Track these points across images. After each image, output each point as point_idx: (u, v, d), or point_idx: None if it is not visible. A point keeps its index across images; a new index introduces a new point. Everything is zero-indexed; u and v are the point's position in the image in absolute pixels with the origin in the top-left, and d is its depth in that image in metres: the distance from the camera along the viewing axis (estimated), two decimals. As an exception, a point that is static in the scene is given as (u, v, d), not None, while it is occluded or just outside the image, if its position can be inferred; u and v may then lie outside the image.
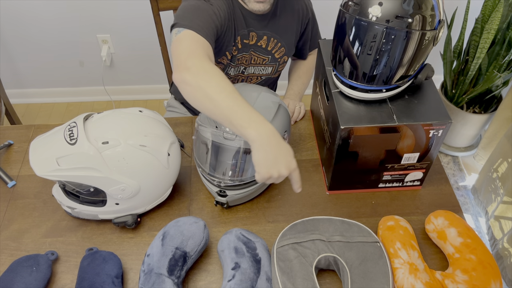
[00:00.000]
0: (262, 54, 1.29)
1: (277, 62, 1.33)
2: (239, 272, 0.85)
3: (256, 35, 1.24)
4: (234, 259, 0.87)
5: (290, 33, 1.31)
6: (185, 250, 0.88)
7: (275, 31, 1.26)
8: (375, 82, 0.94)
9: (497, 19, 1.73)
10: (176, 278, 0.86)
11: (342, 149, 0.98)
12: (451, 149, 2.28)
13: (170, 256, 0.86)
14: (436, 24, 0.90)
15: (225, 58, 1.23)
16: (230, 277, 0.85)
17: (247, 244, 0.89)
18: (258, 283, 0.84)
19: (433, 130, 0.95)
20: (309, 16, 1.34)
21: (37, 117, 2.44)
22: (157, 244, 0.89)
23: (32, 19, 2.12)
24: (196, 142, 1.04)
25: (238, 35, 1.20)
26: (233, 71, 1.30)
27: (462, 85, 2.02)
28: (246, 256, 0.87)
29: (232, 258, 0.87)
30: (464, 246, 0.91)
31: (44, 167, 0.88)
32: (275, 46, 1.29)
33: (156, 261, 0.86)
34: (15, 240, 1.00)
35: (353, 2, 0.90)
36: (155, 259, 0.86)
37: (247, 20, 1.20)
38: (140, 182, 0.93)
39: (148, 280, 0.84)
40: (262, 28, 1.24)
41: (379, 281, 0.85)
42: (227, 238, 0.91)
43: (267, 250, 0.91)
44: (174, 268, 0.86)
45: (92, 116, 0.96)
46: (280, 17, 1.26)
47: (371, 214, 1.06)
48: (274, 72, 1.37)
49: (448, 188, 1.12)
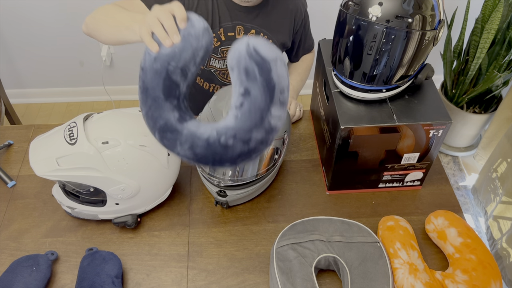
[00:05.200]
0: None
1: None
2: (249, 100, 0.71)
3: (243, 28, 1.22)
4: (243, 83, 0.72)
5: (282, 31, 1.29)
6: (179, 65, 0.74)
7: (265, 27, 1.24)
8: (375, 82, 0.94)
9: (497, 19, 1.73)
10: (176, 100, 0.74)
11: (342, 149, 0.98)
12: (451, 149, 2.28)
13: (163, 76, 0.72)
14: (436, 24, 0.90)
15: None
16: (238, 103, 0.72)
17: (260, 65, 0.71)
18: (271, 111, 0.72)
19: (433, 130, 0.95)
20: (303, 17, 1.32)
21: (37, 117, 2.44)
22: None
23: (32, 19, 2.12)
24: None
25: (220, 27, 1.19)
26: (218, 63, 1.28)
27: (462, 85, 2.02)
28: (258, 81, 0.71)
29: (241, 81, 0.72)
30: (464, 246, 0.91)
31: (44, 167, 0.88)
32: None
33: (150, 78, 0.73)
34: (15, 240, 1.00)
35: (353, 2, 0.90)
36: (148, 76, 0.73)
37: (233, 12, 1.18)
38: (140, 182, 0.93)
39: (145, 101, 0.74)
40: (250, 21, 1.21)
41: (379, 281, 0.85)
42: (239, 51, 0.71)
43: (284, 66, 0.74)
44: (172, 89, 0.74)
45: (92, 116, 0.96)
46: (272, 13, 1.24)
47: (371, 214, 1.06)
48: None
49: (448, 188, 1.12)
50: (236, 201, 1.04)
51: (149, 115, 0.75)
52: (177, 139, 0.74)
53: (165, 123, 0.74)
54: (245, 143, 0.72)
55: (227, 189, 1.01)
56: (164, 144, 0.76)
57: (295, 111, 1.26)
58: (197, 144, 0.73)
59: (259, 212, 1.06)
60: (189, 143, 0.73)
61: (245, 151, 0.73)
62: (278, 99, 0.72)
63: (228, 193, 1.01)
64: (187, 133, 0.74)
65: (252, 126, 0.72)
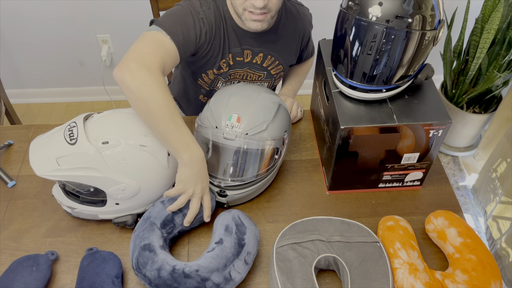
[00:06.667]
0: (257, 71, 1.26)
1: (273, 78, 1.31)
2: (220, 248, 0.88)
3: (251, 53, 1.20)
4: (220, 235, 0.91)
5: (290, 53, 1.28)
6: (184, 212, 0.96)
7: (273, 49, 1.23)
8: (375, 82, 0.94)
9: (497, 19, 1.73)
10: (166, 233, 0.93)
11: (342, 149, 0.98)
12: (451, 149, 2.28)
13: (169, 213, 0.94)
14: (436, 24, 0.90)
15: (211, 72, 1.21)
16: (210, 249, 0.89)
17: (239, 227, 0.92)
18: (234, 263, 0.87)
19: (433, 130, 0.95)
20: (310, 33, 1.32)
21: (37, 117, 2.44)
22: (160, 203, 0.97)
23: (32, 19, 2.12)
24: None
25: (229, 52, 1.17)
26: (224, 86, 1.28)
27: (462, 85, 2.02)
28: (232, 236, 0.90)
29: (219, 234, 0.91)
30: (464, 246, 0.91)
31: (44, 167, 0.88)
32: (271, 63, 1.25)
33: (156, 212, 0.94)
34: (15, 240, 1.00)
35: (353, 2, 0.90)
36: (156, 210, 0.94)
37: (242, 38, 1.17)
38: (140, 182, 0.93)
39: (142, 225, 0.92)
40: (259, 45, 1.20)
41: (379, 281, 0.85)
42: (224, 215, 0.95)
43: (256, 240, 0.93)
44: (168, 224, 0.93)
45: (92, 116, 0.96)
46: (281, 37, 1.22)
47: (371, 214, 1.06)
48: (270, 86, 1.35)
49: (448, 188, 1.12)
50: (236, 201, 1.04)
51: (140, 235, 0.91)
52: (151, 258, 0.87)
53: (149, 243, 0.89)
54: (203, 280, 0.83)
55: (227, 189, 1.01)
56: (139, 261, 0.87)
57: (296, 112, 1.27)
58: (164, 267, 0.85)
59: (259, 212, 1.06)
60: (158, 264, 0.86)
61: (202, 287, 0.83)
62: (243, 257, 0.88)
63: (228, 193, 1.01)
64: (162, 258, 0.87)
65: (214, 269, 0.85)
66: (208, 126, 0.98)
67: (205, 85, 1.28)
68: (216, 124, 0.97)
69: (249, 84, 1.15)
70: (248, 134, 0.96)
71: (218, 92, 1.06)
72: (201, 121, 1.02)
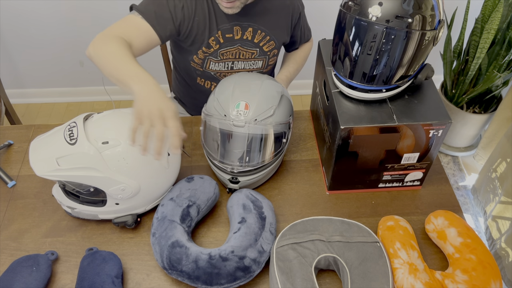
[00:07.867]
0: (249, 48, 1.27)
1: (266, 56, 1.31)
2: (245, 225, 0.91)
3: (240, 28, 1.22)
4: (241, 214, 0.94)
5: (280, 27, 1.29)
6: (196, 202, 0.97)
7: (263, 24, 1.24)
8: (375, 82, 0.94)
9: (497, 19, 1.73)
10: (186, 227, 0.94)
11: (342, 149, 0.98)
12: (451, 149, 2.28)
13: (183, 207, 0.95)
14: (436, 24, 0.90)
15: (201, 52, 1.23)
16: (236, 229, 0.92)
17: (255, 202, 0.96)
18: (262, 236, 0.91)
19: (433, 130, 0.95)
20: (300, 11, 1.32)
21: (37, 117, 2.45)
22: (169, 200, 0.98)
23: (32, 19, 2.12)
24: (205, 133, 1.05)
25: (218, 29, 1.19)
26: (217, 66, 1.28)
27: (462, 85, 2.02)
28: (252, 212, 0.94)
29: (239, 213, 0.94)
30: (464, 246, 0.91)
31: (44, 167, 0.88)
32: (263, 39, 1.26)
33: (170, 210, 0.94)
34: (15, 240, 1.00)
35: (353, 2, 0.90)
36: (169, 208, 0.95)
37: (229, 14, 1.18)
38: (140, 182, 0.93)
39: (161, 225, 0.92)
40: (247, 20, 1.21)
41: (379, 281, 0.85)
42: (237, 196, 0.98)
43: (272, 210, 0.98)
44: (186, 218, 0.94)
45: (92, 116, 0.96)
46: (269, 11, 1.23)
47: (371, 214, 1.06)
48: (265, 66, 1.35)
49: (448, 188, 1.12)
50: (249, 186, 1.06)
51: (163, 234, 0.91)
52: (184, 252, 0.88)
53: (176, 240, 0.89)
54: (241, 259, 0.86)
55: (239, 175, 1.03)
56: (171, 259, 0.88)
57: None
58: (200, 258, 0.86)
59: (259, 212, 1.06)
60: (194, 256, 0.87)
61: (241, 266, 0.86)
62: (268, 228, 0.93)
63: (241, 179, 1.03)
64: (194, 249, 0.88)
65: (248, 246, 0.88)
66: (216, 115, 0.99)
67: (198, 67, 1.29)
68: (225, 112, 0.98)
69: (250, 73, 1.15)
70: (257, 120, 0.97)
71: (221, 82, 1.07)
72: (208, 110, 1.02)
